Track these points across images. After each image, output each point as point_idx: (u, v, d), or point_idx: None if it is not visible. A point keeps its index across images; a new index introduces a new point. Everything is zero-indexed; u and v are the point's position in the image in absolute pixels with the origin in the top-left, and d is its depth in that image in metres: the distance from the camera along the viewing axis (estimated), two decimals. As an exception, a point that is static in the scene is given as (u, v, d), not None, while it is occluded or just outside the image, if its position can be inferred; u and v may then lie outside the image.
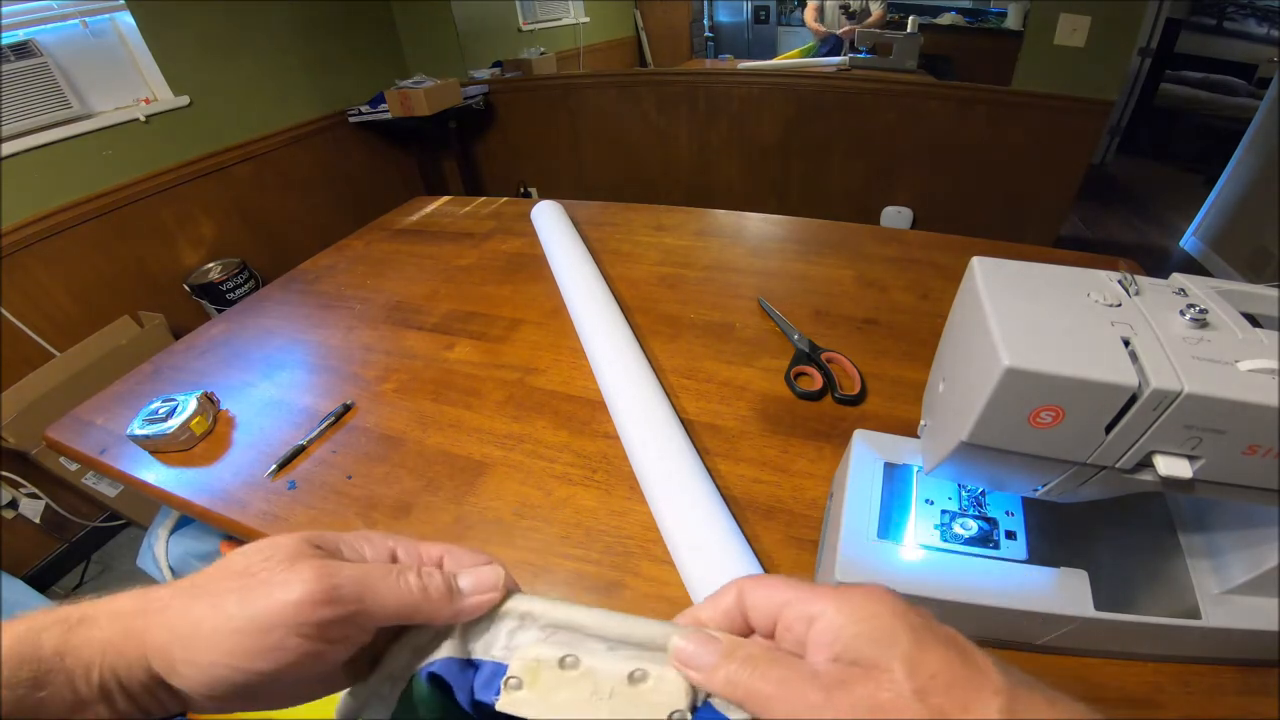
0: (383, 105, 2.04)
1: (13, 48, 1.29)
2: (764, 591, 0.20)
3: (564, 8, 3.03)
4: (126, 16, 1.48)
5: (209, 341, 0.78)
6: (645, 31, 3.30)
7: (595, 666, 0.20)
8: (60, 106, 1.38)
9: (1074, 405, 0.26)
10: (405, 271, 0.90)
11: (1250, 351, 0.26)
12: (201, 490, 0.55)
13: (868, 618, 0.18)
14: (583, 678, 0.20)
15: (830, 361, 0.63)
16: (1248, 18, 3.18)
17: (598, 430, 0.58)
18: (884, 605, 0.18)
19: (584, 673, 0.20)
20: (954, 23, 2.51)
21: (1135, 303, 0.29)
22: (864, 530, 0.37)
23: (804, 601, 0.19)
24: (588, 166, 2.47)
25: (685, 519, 0.45)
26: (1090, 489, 0.30)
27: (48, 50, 1.34)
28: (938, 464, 0.32)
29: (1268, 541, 0.32)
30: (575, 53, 3.03)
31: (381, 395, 0.65)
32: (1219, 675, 0.36)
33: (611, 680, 0.20)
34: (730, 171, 2.27)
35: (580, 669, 0.20)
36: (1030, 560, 0.35)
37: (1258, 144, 2.25)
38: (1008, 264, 0.32)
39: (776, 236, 0.93)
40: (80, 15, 1.41)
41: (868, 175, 2.07)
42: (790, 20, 3.30)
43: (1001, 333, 0.27)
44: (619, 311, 0.71)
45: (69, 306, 1.42)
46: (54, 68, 1.36)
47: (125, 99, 1.53)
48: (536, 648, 0.21)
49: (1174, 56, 3.29)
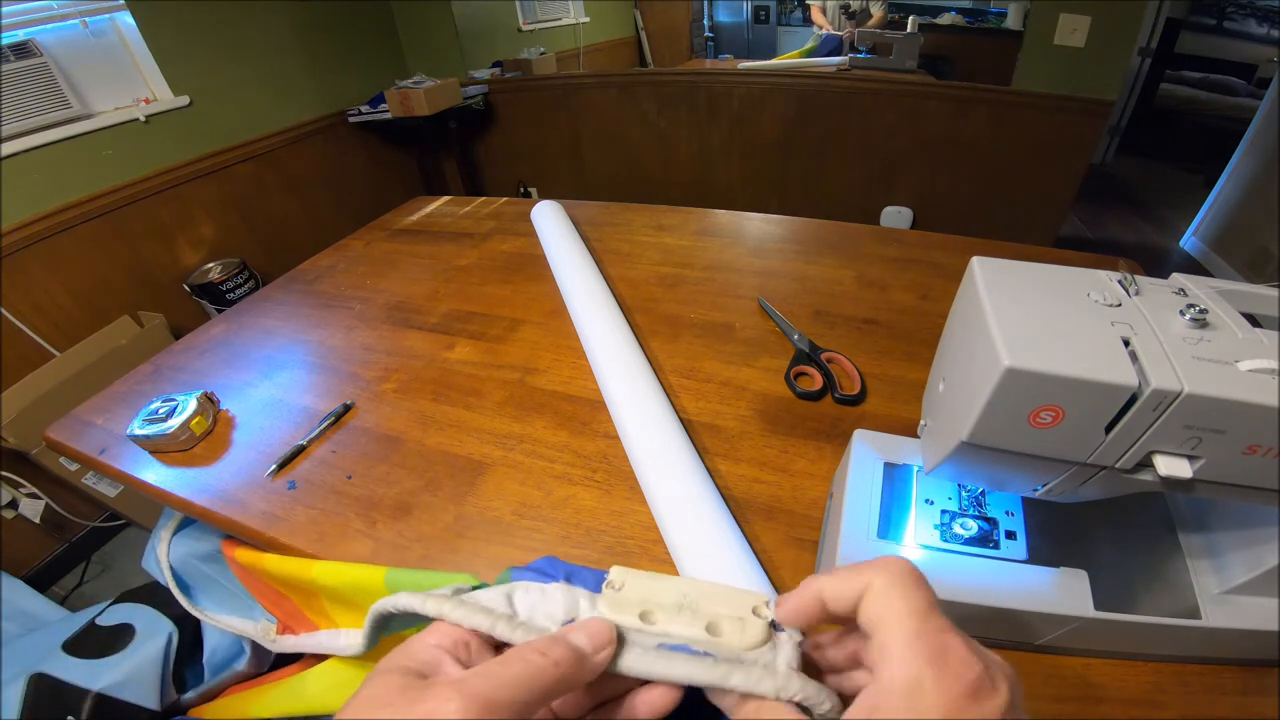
0: (383, 105, 2.04)
1: (13, 48, 1.29)
2: (876, 607, 0.20)
3: (564, 8, 3.03)
4: (126, 16, 1.48)
5: (209, 341, 0.78)
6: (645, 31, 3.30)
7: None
8: (60, 106, 1.38)
9: (1074, 405, 0.26)
10: (405, 271, 0.90)
11: (1250, 351, 0.26)
12: (201, 490, 0.55)
13: (918, 711, 0.17)
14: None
15: (830, 361, 0.63)
16: (1248, 18, 3.18)
17: (598, 430, 0.58)
18: (941, 708, 0.17)
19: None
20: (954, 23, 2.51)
21: (1135, 303, 0.29)
22: (864, 530, 0.37)
23: (889, 650, 0.18)
24: (588, 166, 2.47)
25: (685, 519, 0.45)
26: (1090, 489, 0.30)
27: (48, 50, 1.34)
28: (938, 464, 0.32)
29: (1268, 541, 0.32)
30: (575, 53, 3.03)
31: (381, 395, 0.65)
32: (1219, 675, 0.36)
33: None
34: (730, 171, 2.27)
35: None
36: (1030, 560, 0.35)
37: (1258, 144, 2.25)
38: (1008, 264, 0.32)
39: (776, 236, 0.93)
40: (80, 15, 1.41)
41: (868, 175, 2.07)
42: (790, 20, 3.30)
43: (1001, 333, 0.27)
44: (619, 311, 0.70)
45: (69, 306, 1.42)
46: (54, 68, 1.36)
47: (125, 99, 1.53)
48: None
49: (1174, 56, 3.29)
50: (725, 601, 0.21)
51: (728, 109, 2.14)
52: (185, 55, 1.60)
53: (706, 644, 0.20)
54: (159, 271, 1.61)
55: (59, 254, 1.39)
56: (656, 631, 0.21)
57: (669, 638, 0.20)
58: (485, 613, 0.21)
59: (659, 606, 0.21)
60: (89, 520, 1.46)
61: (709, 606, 0.21)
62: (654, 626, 0.21)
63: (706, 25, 3.44)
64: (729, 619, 0.21)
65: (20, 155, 1.30)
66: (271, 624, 0.63)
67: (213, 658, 0.83)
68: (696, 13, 3.41)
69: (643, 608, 0.21)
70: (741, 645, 0.20)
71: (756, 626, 0.20)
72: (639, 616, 0.21)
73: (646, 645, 0.20)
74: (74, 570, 1.46)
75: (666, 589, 0.22)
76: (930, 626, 0.19)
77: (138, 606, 0.95)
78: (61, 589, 1.43)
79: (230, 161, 1.76)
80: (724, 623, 0.21)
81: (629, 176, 2.42)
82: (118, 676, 0.86)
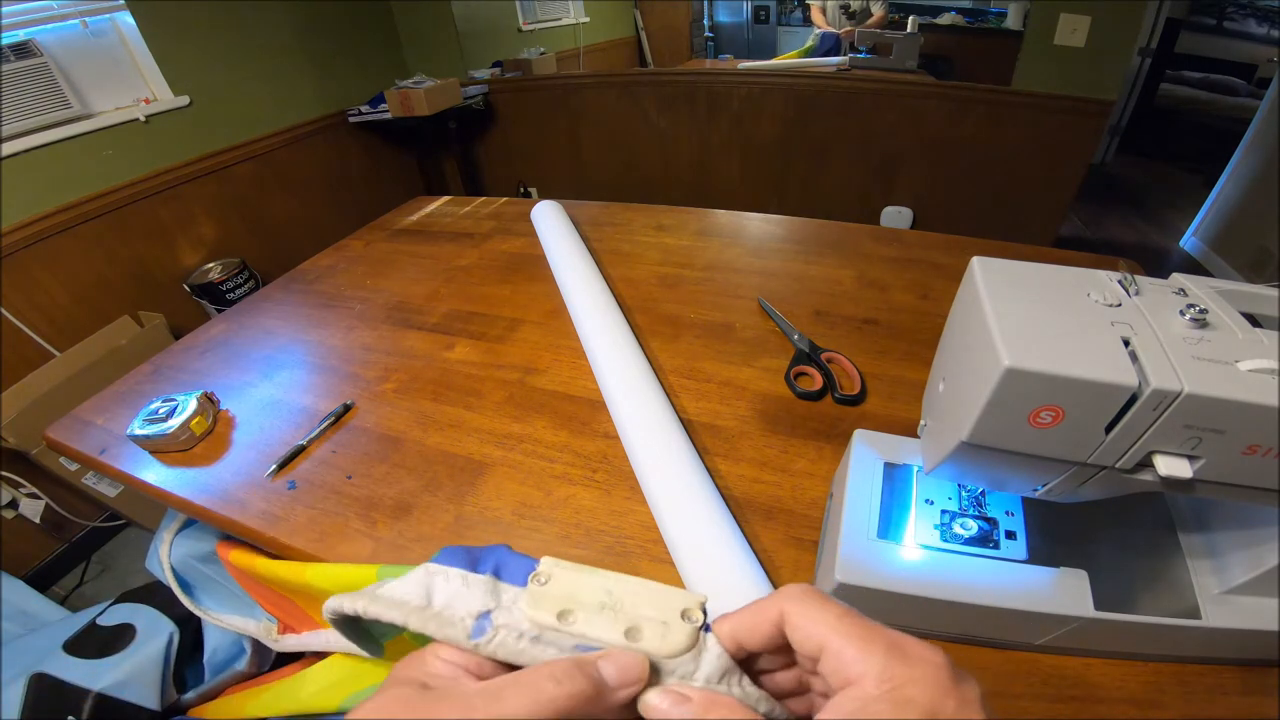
0: (383, 105, 2.04)
1: (13, 48, 1.29)
2: (807, 625, 0.19)
3: (564, 8, 3.03)
4: (126, 16, 1.48)
5: (209, 341, 0.78)
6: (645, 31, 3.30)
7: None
8: (60, 106, 1.38)
9: (1074, 405, 0.26)
10: (405, 271, 0.90)
11: (1250, 351, 0.26)
12: (201, 490, 0.55)
13: (901, 703, 0.16)
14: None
15: (830, 361, 0.63)
16: (1248, 18, 3.18)
17: (598, 430, 0.58)
18: (925, 696, 0.16)
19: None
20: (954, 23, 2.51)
21: (1135, 303, 0.29)
22: (864, 530, 0.37)
23: (846, 656, 0.17)
24: (588, 166, 2.47)
25: (685, 519, 0.45)
26: (1090, 489, 0.30)
27: (48, 50, 1.34)
28: (938, 464, 0.32)
29: (1268, 541, 0.32)
30: (575, 53, 3.03)
31: (381, 395, 0.65)
32: (1219, 675, 0.36)
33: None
34: (730, 171, 2.27)
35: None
36: (1030, 560, 0.35)
37: (1258, 144, 2.25)
38: (1008, 264, 0.32)
39: (776, 236, 0.93)
40: (80, 15, 1.41)
41: (868, 175, 2.06)
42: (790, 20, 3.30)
43: (1001, 333, 0.27)
44: (619, 311, 0.71)
45: (69, 306, 1.42)
46: (54, 68, 1.36)
47: (125, 99, 1.53)
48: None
49: (1174, 56, 3.29)
50: (653, 603, 0.20)
51: (728, 109, 2.14)
52: (185, 55, 1.60)
53: (624, 649, 0.19)
54: (159, 271, 1.61)
55: (59, 254, 1.39)
56: (574, 632, 0.20)
57: (585, 639, 0.20)
58: (397, 606, 0.20)
59: (581, 605, 0.20)
60: (89, 520, 1.46)
61: (634, 607, 0.20)
62: (571, 627, 0.20)
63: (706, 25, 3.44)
64: (652, 623, 0.20)
65: (20, 155, 1.30)
66: (273, 624, 0.63)
67: (213, 658, 0.83)
68: (696, 13, 3.41)
69: (564, 605, 0.20)
70: (660, 652, 0.19)
71: (680, 632, 0.19)
72: (557, 615, 0.20)
73: (564, 645, 0.20)
74: (74, 570, 1.46)
75: (593, 586, 0.21)
76: (868, 625, 0.18)
77: (138, 606, 0.95)
78: (61, 589, 1.43)
79: (230, 162, 1.76)
80: (646, 626, 0.20)
81: (629, 176, 2.42)
82: (118, 676, 0.86)
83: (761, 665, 0.21)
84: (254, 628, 0.65)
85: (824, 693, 0.19)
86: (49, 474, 1.29)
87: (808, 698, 0.21)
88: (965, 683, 0.17)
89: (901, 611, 0.36)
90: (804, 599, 0.19)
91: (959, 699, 0.16)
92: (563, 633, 0.20)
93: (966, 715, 0.16)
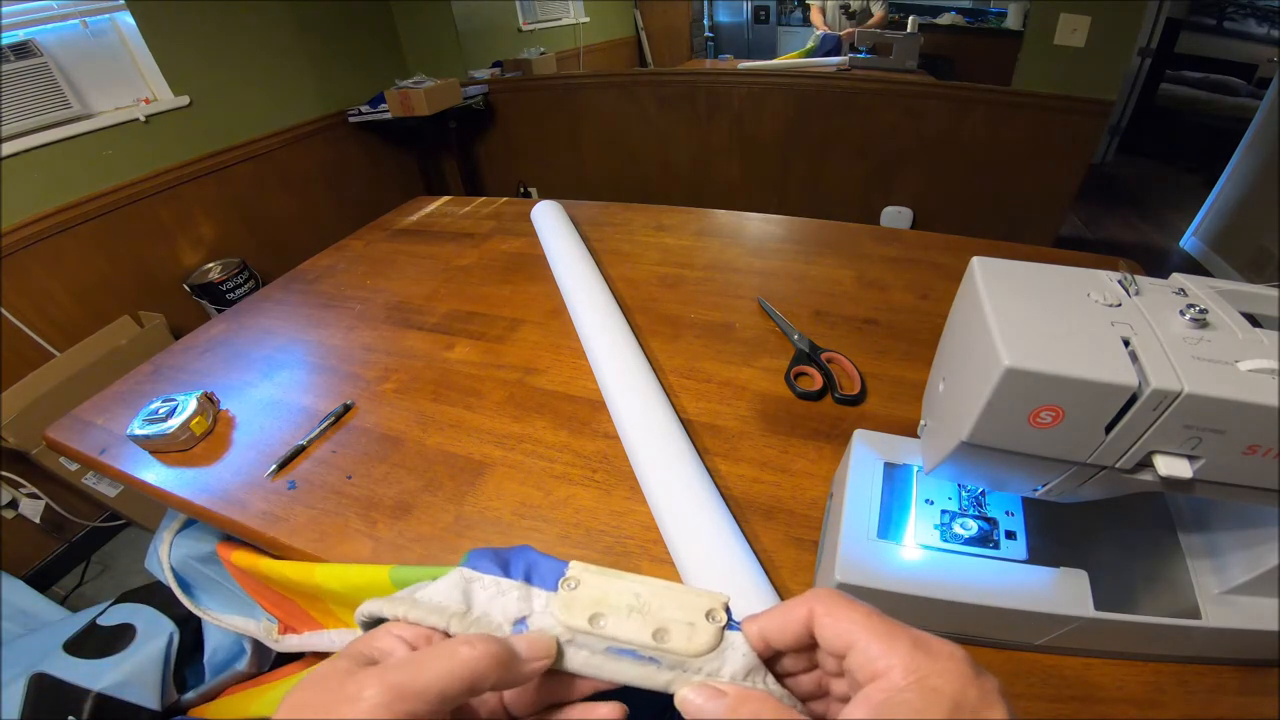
0: (383, 105, 2.04)
1: (13, 48, 1.29)
2: (836, 624, 0.20)
3: (564, 8, 3.03)
4: (126, 16, 1.48)
5: (209, 341, 0.78)
6: (645, 31, 3.30)
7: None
8: (60, 106, 1.38)
9: (1074, 405, 0.26)
10: (405, 271, 0.90)
11: (1250, 351, 0.26)
12: (201, 490, 0.55)
13: (928, 693, 0.17)
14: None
15: (830, 361, 0.63)
16: (1248, 18, 3.18)
17: (598, 430, 0.58)
18: (949, 686, 0.17)
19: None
20: (954, 23, 2.51)
21: (1135, 303, 0.29)
22: (864, 530, 0.37)
23: (873, 651, 0.18)
24: (588, 166, 2.47)
25: (685, 519, 0.45)
26: (1090, 489, 0.30)
27: (48, 50, 1.34)
28: (938, 464, 0.32)
29: (1268, 541, 0.32)
30: (575, 53, 3.02)
31: (381, 395, 0.65)
32: (1219, 675, 0.36)
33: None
34: (730, 171, 2.27)
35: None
36: (1030, 560, 0.35)
37: (1258, 144, 2.25)
38: (1008, 264, 0.32)
39: (776, 236, 0.93)
40: (80, 15, 1.41)
41: (868, 175, 2.06)
42: (790, 20, 3.30)
43: (1001, 333, 0.27)
44: (619, 311, 0.71)
45: (69, 306, 1.42)
46: (54, 68, 1.36)
47: (125, 99, 1.53)
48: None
49: (1174, 56, 3.29)
50: (679, 605, 0.22)
51: (728, 109, 2.14)
52: (185, 55, 1.60)
53: (653, 649, 0.21)
54: (159, 271, 1.61)
55: (59, 254, 1.39)
56: (605, 635, 0.21)
57: (616, 641, 0.21)
58: (439, 611, 0.21)
59: (611, 608, 0.22)
60: (89, 520, 1.46)
61: (661, 610, 0.21)
62: (603, 630, 0.21)
63: (706, 25, 3.44)
64: (679, 624, 0.21)
65: (20, 155, 1.30)
66: (273, 624, 0.63)
67: (213, 658, 0.83)
68: (696, 13, 3.41)
69: (595, 609, 0.22)
70: (688, 651, 0.20)
71: (706, 632, 0.21)
72: (589, 619, 0.21)
73: (595, 647, 0.21)
74: (74, 570, 1.46)
75: (621, 590, 0.22)
76: (892, 623, 0.19)
77: (139, 607, 0.95)
78: (61, 589, 1.43)
79: (230, 161, 1.76)
80: (673, 627, 0.21)
81: (629, 176, 2.42)
82: (118, 676, 0.86)
83: (783, 668, 0.22)
84: (254, 628, 0.65)
85: (842, 697, 0.20)
86: (49, 474, 1.29)
87: (826, 701, 0.22)
88: (985, 676, 0.18)
89: (902, 612, 0.35)
90: (832, 599, 0.20)
91: (980, 689, 0.17)
92: (594, 635, 0.21)
93: (987, 704, 0.17)
